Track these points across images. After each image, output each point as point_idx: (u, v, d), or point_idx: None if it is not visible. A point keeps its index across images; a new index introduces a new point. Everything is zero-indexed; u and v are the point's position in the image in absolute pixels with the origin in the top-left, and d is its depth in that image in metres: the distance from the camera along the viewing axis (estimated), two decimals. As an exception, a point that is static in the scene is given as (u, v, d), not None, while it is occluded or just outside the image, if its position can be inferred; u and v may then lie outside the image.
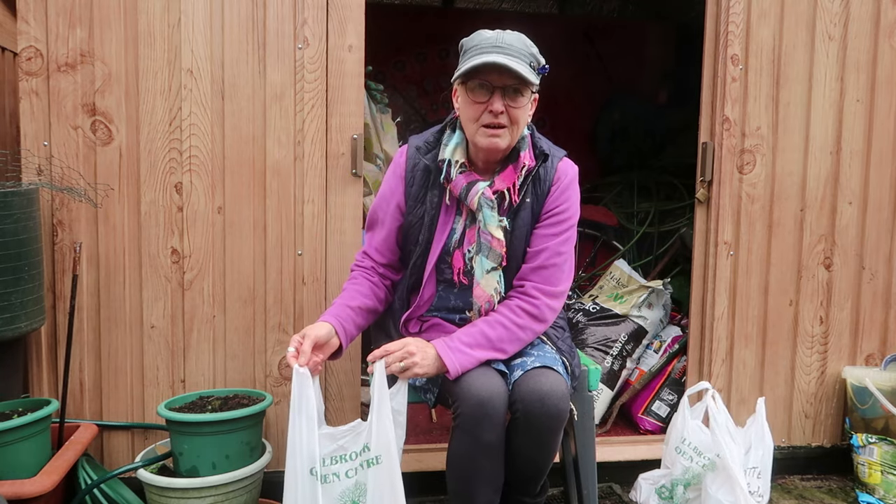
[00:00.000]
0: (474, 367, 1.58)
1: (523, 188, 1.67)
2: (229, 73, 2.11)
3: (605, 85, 4.31)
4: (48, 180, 2.02)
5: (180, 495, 1.88)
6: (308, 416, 1.50)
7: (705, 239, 2.42)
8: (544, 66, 1.62)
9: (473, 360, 1.58)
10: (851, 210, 2.45)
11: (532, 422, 1.57)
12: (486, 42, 1.56)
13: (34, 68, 2.02)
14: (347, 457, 1.54)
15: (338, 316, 1.66)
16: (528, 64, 1.56)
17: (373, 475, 1.52)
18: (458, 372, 1.56)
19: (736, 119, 2.35)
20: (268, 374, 2.20)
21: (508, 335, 1.63)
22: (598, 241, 3.77)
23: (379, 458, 1.51)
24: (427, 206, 1.70)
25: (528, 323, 1.65)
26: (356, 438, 1.55)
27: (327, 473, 1.53)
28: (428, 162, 1.70)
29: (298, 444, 1.50)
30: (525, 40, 1.59)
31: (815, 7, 2.36)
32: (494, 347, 1.62)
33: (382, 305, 1.80)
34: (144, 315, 2.14)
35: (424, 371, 1.55)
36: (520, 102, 1.59)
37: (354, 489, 1.54)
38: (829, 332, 2.49)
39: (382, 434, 1.51)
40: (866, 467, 2.34)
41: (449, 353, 1.57)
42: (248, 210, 2.15)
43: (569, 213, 1.70)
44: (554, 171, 1.69)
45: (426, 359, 1.56)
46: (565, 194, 1.69)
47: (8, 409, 1.89)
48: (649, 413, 2.67)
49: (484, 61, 1.52)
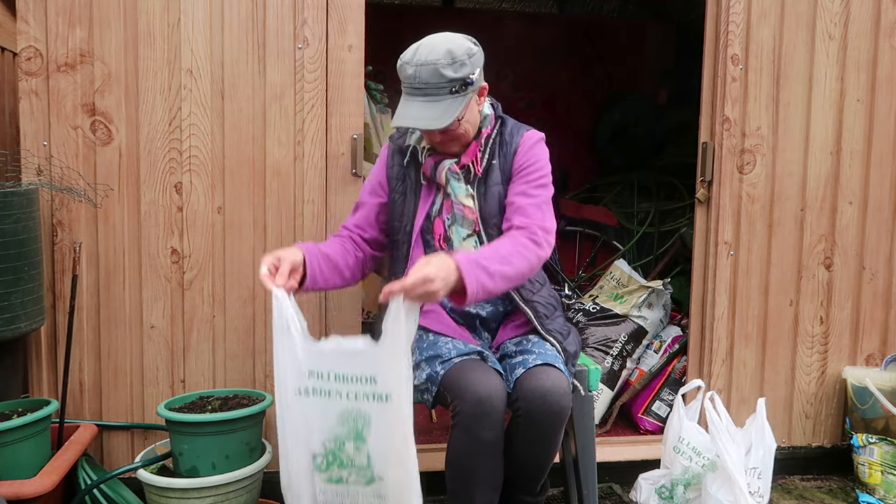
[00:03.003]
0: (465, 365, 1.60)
1: (485, 154, 1.76)
2: (229, 73, 2.11)
3: (605, 85, 4.31)
4: (48, 180, 2.02)
5: (180, 495, 1.88)
6: (290, 336, 1.46)
7: (705, 239, 2.42)
8: (469, 79, 1.62)
9: (488, 274, 1.51)
10: (852, 210, 2.45)
11: (534, 419, 1.58)
12: (408, 82, 1.63)
13: (34, 68, 2.02)
14: (350, 378, 1.47)
15: (310, 253, 1.67)
16: (448, 91, 1.60)
17: (379, 411, 1.45)
18: (475, 292, 1.48)
19: (736, 119, 2.35)
20: (267, 375, 2.20)
21: (514, 248, 1.60)
22: (599, 241, 3.77)
23: (388, 396, 1.44)
24: (408, 182, 1.82)
25: (526, 243, 1.63)
26: (362, 362, 1.46)
27: (328, 388, 1.47)
28: (400, 144, 1.85)
29: (282, 365, 1.46)
30: (441, 65, 1.59)
31: (815, 7, 2.36)
32: (505, 260, 1.56)
33: (349, 272, 1.78)
34: (144, 315, 2.14)
35: (443, 295, 1.47)
36: (454, 126, 1.66)
37: (358, 416, 1.47)
38: (830, 332, 2.49)
39: (394, 373, 1.43)
40: (866, 467, 2.34)
41: (469, 268, 1.49)
42: (248, 210, 2.15)
43: (538, 165, 1.75)
44: (520, 136, 1.78)
45: (447, 283, 1.46)
46: (532, 151, 1.76)
47: (8, 409, 1.89)
48: (649, 413, 2.67)
49: (403, 125, 1.66)
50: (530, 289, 1.80)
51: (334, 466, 1.51)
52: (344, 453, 1.50)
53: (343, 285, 1.81)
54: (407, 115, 1.64)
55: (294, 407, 1.49)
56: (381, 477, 1.49)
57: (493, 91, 1.85)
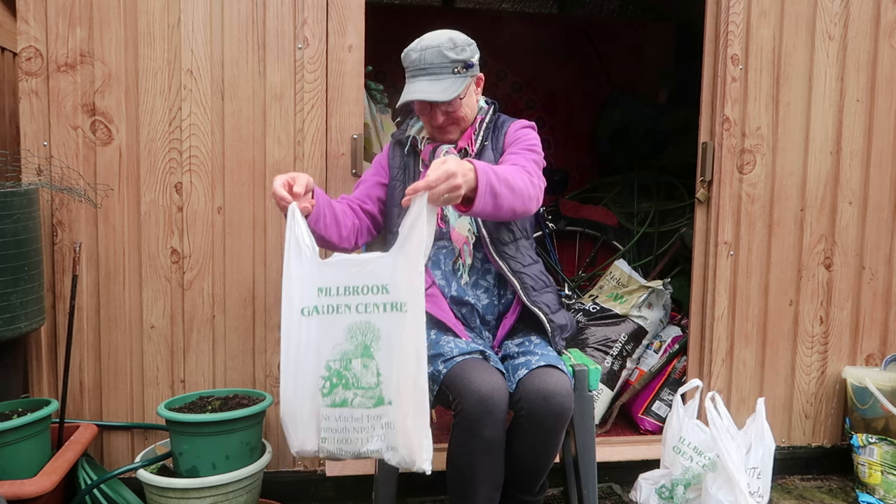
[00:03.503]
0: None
1: (479, 136, 1.84)
2: (229, 73, 2.11)
3: (605, 85, 4.31)
4: (48, 180, 2.02)
5: (180, 495, 1.88)
6: (300, 252, 1.44)
7: (705, 239, 2.42)
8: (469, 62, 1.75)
9: (496, 176, 1.52)
10: (851, 210, 2.45)
11: (536, 419, 1.58)
12: (413, 65, 1.75)
13: (34, 68, 2.02)
14: (360, 289, 1.39)
15: (319, 194, 1.68)
16: (451, 71, 1.73)
17: (390, 323, 1.37)
18: (484, 191, 1.48)
19: (736, 119, 2.35)
20: (268, 374, 2.20)
21: (515, 171, 1.61)
22: (598, 241, 3.77)
23: (402, 306, 1.35)
24: (407, 171, 1.89)
25: (521, 171, 1.63)
26: (373, 271, 1.40)
27: (336, 304, 1.40)
28: (400, 138, 1.92)
29: (289, 285, 1.42)
30: (444, 47, 1.72)
31: (815, 7, 2.36)
32: (509, 172, 1.57)
33: (346, 232, 1.78)
34: (144, 315, 2.14)
35: (465, 191, 1.45)
36: (456, 105, 1.76)
37: (366, 329, 1.39)
38: (830, 332, 2.49)
39: (409, 280, 1.34)
40: (866, 467, 2.34)
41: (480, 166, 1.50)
42: (248, 210, 2.15)
43: (527, 138, 1.81)
44: (510, 122, 1.88)
45: (467, 179, 1.45)
46: (521, 130, 1.85)
47: (8, 409, 1.89)
48: (649, 413, 2.67)
49: (411, 98, 1.73)
50: (521, 261, 1.81)
51: (339, 388, 1.40)
52: (350, 372, 1.39)
53: (337, 244, 1.77)
54: (414, 91, 1.73)
55: (298, 328, 1.41)
56: (389, 400, 1.37)
57: (492, 91, 1.86)
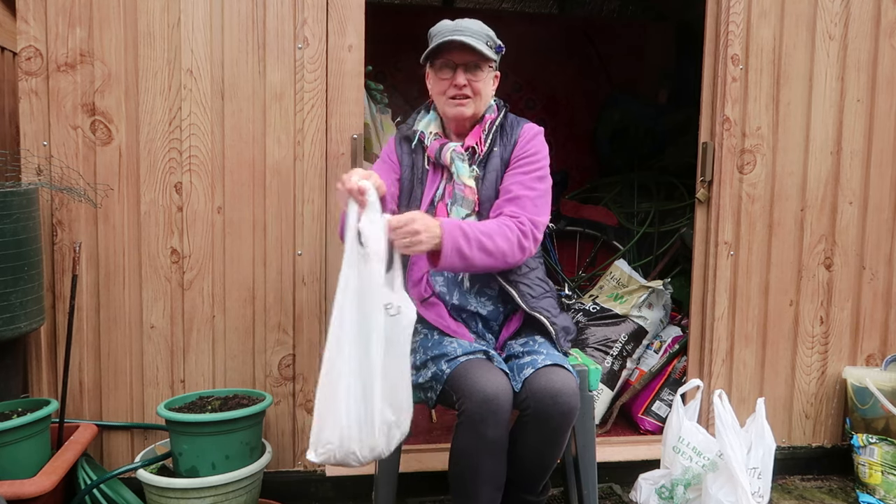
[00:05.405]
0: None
1: (488, 137, 1.84)
2: (229, 73, 2.11)
3: (605, 85, 4.31)
4: (48, 180, 2.02)
5: (180, 495, 1.88)
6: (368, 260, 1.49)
7: (705, 239, 2.42)
8: (500, 45, 1.84)
9: (465, 237, 1.61)
10: (852, 210, 2.45)
11: (543, 419, 1.58)
12: (448, 28, 1.79)
13: (34, 68, 2.02)
14: None
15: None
16: (485, 43, 1.77)
17: None
18: (449, 252, 1.59)
19: (736, 119, 2.35)
20: (268, 374, 2.20)
21: (498, 228, 1.68)
22: (599, 241, 3.77)
23: None
24: (415, 168, 1.89)
25: (512, 227, 1.70)
26: None
27: None
28: (407, 132, 1.91)
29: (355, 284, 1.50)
30: (483, 25, 1.81)
31: (815, 7, 2.36)
32: (485, 233, 1.65)
33: None
34: (144, 315, 2.14)
35: (425, 249, 1.58)
36: (480, 76, 1.79)
37: None
38: (830, 332, 2.48)
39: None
40: (867, 468, 2.33)
41: (448, 227, 1.61)
42: (248, 210, 2.15)
43: (537, 157, 1.82)
44: (520, 127, 1.87)
45: (430, 237, 1.57)
46: (531, 143, 1.83)
47: (8, 409, 1.89)
48: (649, 413, 2.67)
49: (446, 39, 1.74)
50: (517, 271, 1.81)
51: None
52: None
53: None
54: (450, 37, 1.73)
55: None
56: None
57: (493, 91, 1.86)
